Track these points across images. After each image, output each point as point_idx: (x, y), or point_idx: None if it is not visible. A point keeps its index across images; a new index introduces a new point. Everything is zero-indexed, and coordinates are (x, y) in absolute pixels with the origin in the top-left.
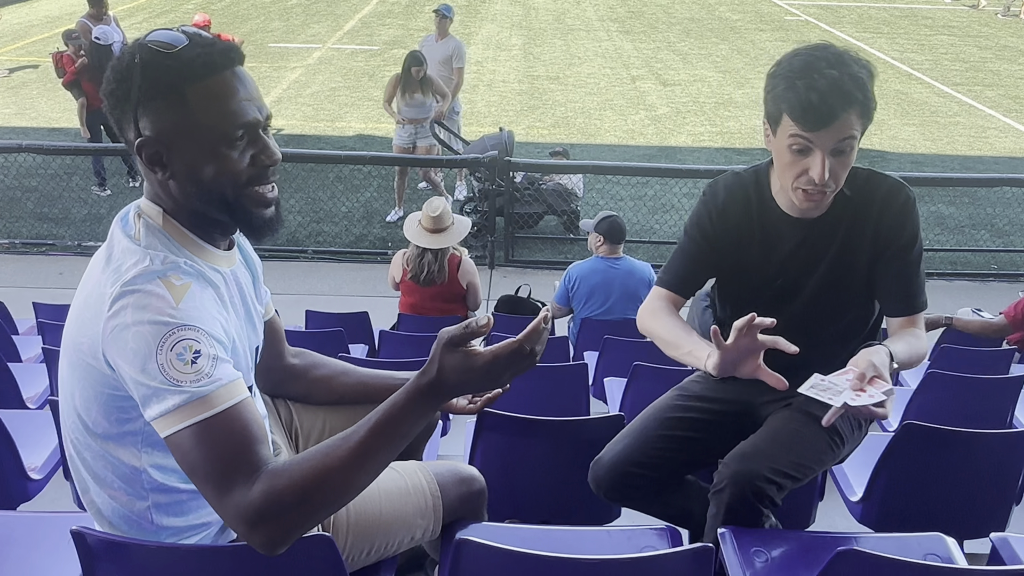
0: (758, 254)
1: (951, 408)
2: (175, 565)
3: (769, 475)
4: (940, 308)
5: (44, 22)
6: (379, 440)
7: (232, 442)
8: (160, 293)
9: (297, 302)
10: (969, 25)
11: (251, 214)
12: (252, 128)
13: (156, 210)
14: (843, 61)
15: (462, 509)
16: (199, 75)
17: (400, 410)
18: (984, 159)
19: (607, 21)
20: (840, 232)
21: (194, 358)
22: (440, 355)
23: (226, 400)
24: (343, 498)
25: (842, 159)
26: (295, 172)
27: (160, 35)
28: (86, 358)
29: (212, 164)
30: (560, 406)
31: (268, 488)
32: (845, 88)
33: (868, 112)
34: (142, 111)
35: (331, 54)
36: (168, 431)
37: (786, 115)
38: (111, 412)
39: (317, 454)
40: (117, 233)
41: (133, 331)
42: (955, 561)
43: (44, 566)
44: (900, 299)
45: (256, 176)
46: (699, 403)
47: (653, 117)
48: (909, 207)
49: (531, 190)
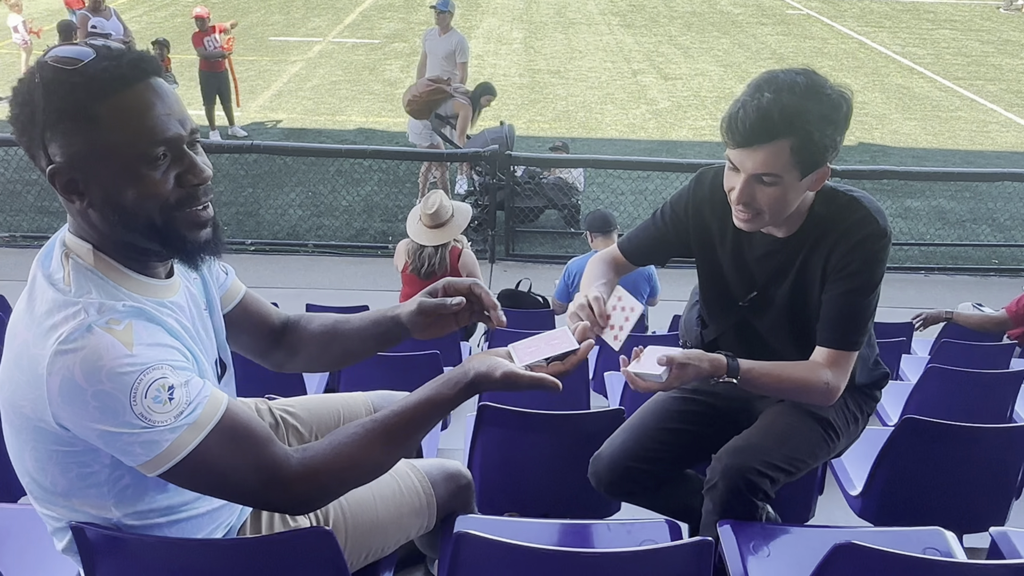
0: (729, 255)
1: (951, 403)
2: (176, 558)
3: (761, 468)
4: (941, 303)
5: (44, 16)
6: (423, 422)
7: (246, 437)
8: (107, 343)
9: (298, 296)
10: (971, 19)
11: (184, 239)
12: (174, 144)
13: (84, 247)
14: (794, 89)
15: (453, 503)
16: (108, 90)
17: (449, 399)
18: (986, 153)
19: (608, 15)
20: (803, 252)
21: (170, 395)
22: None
23: (217, 410)
24: (378, 471)
25: (767, 191)
26: (296, 166)
27: (62, 50)
28: (32, 421)
29: (133, 187)
30: (560, 400)
31: (305, 457)
32: (770, 116)
33: (807, 152)
34: (50, 136)
35: (332, 48)
36: (165, 467)
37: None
38: (69, 469)
39: (355, 434)
40: (40, 281)
41: (92, 393)
42: (954, 555)
43: (45, 559)
44: (828, 328)
45: (185, 197)
46: (697, 397)
47: (654, 111)
48: (870, 244)
49: (532, 184)
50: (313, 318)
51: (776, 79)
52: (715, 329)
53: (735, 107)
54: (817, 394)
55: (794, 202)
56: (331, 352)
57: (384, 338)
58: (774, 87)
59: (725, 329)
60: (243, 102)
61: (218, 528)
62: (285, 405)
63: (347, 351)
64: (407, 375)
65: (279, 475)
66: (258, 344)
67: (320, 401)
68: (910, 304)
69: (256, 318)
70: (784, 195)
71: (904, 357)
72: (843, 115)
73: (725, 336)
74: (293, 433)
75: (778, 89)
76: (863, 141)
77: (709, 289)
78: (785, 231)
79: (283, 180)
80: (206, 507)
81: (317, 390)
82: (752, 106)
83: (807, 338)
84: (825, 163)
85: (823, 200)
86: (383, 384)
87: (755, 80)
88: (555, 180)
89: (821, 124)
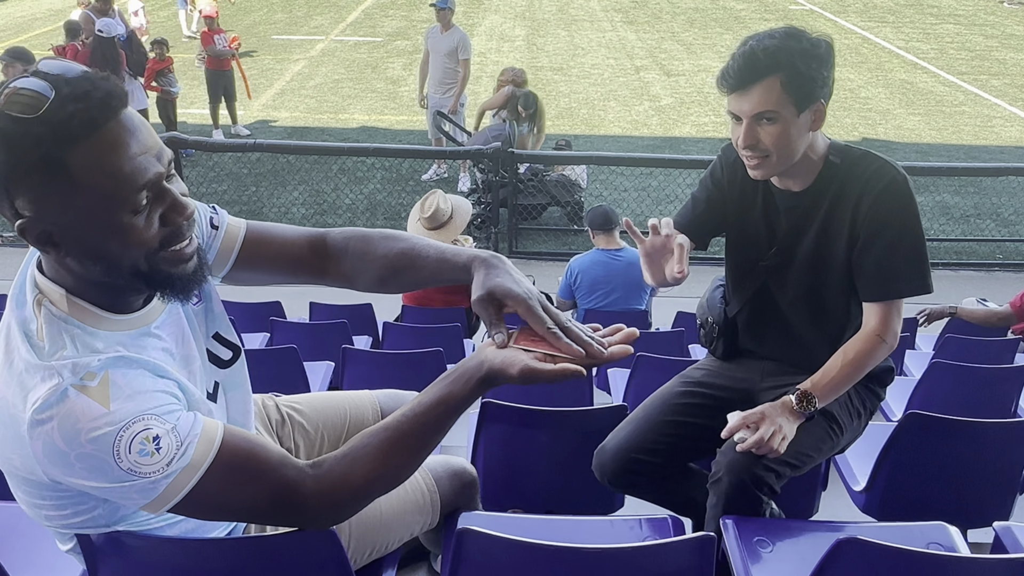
0: (758, 215)
1: (955, 397)
2: (179, 558)
3: (766, 463)
4: (945, 298)
5: (47, 15)
6: (439, 425)
7: (250, 465)
8: (83, 406)
9: (301, 294)
10: (975, 14)
11: (171, 276)
12: (156, 185)
13: (57, 292)
14: (773, 35)
15: (457, 500)
16: (78, 136)
17: (463, 397)
18: (989, 148)
19: (611, 11)
20: (825, 204)
21: (157, 446)
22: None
23: (211, 446)
24: (401, 476)
25: (770, 128)
26: (298, 164)
27: (18, 96)
28: (22, 472)
29: (116, 238)
30: (563, 396)
31: (321, 475)
32: (755, 56)
33: (796, 85)
34: (15, 190)
35: (334, 46)
36: (167, 506)
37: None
38: (65, 507)
39: (370, 446)
40: (15, 332)
41: (76, 456)
42: (958, 550)
43: (49, 557)
44: (871, 283)
45: (169, 237)
46: (702, 389)
47: (657, 107)
48: (893, 190)
49: (535, 181)
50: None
51: (758, 32)
52: (737, 301)
53: (728, 60)
54: (882, 353)
55: (797, 140)
56: (400, 280)
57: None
58: (757, 36)
59: (747, 300)
60: (246, 102)
61: (221, 527)
62: (292, 402)
63: (417, 283)
64: (410, 373)
65: (295, 497)
66: (298, 271)
67: (326, 399)
68: (914, 300)
69: (273, 249)
70: (786, 132)
71: (908, 352)
72: (824, 50)
73: (744, 312)
74: (299, 430)
75: (760, 36)
76: (867, 136)
77: (735, 253)
78: (801, 183)
79: (286, 178)
80: None
81: (321, 388)
82: (739, 53)
83: (825, 315)
84: (818, 98)
85: (837, 152)
86: (386, 382)
87: (743, 38)
88: (558, 177)
89: (805, 58)
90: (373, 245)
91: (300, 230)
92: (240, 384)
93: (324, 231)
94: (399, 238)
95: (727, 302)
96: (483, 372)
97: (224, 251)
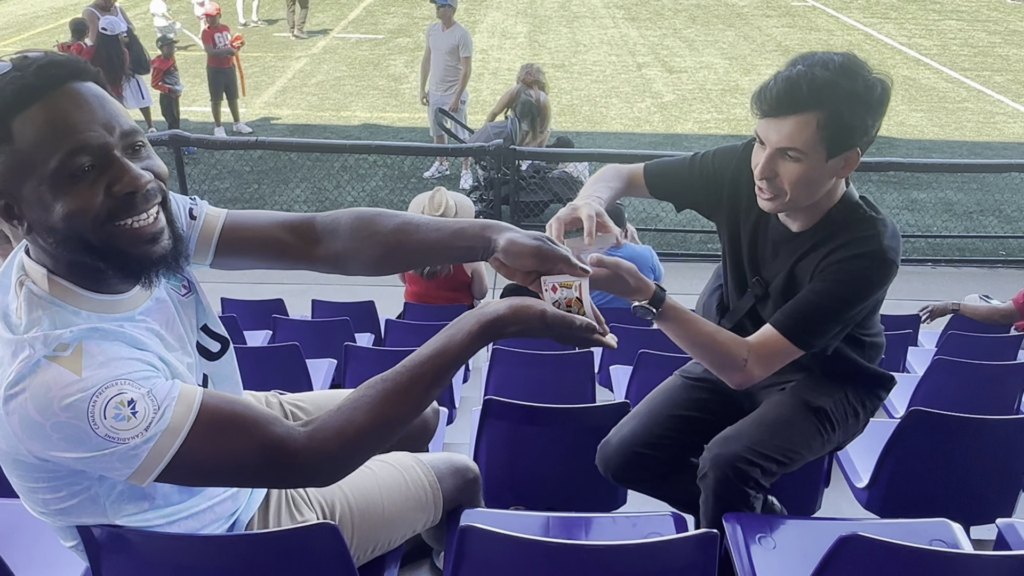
0: (749, 232)
1: (958, 394)
2: (182, 554)
3: (750, 457)
4: (948, 295)
5: (49, 13)
6: (436, 377)
7: (234, 424)
8: (54, 374)
9: (303, 291)
10: (977, 10)
11: (127, 255)
12: (100, 153)
13: (39, 272)
14: (828, 66)
15: (459, 497)
16: (18, 104)
17: (462, 348)
18: (992, 145)
19: (612, 8)
20: (803, 250)
21: (132, 410)
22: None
23: (190, 409)
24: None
25: (790, 167)
26: (300, 162)
27: None
28: (11, 455)
29: (59, 204)
30: (566, 394)
31: (315, 429)
32: (799, 86)
33: (834, 129)
34: None
35: (336, 43)
36: (154, 474)
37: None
38: (59, 489)
39: (367, 395)
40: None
41: (51, 426)
42: (961, 547)
43: (52, 554)
44: (783, 311)
45: (117, 209)
46: (703, 384)
47: (659, 104)
48: (865, 261)
49: (537, 179)
50: (364, 215)
51: (813, 55)
52: (733, 315)
53: (768, 79)
54: (730, 368)
55: (817, 186)
56: (401, 253)
57: (462, 259)
58: (809, 61)
59: (742, 315)
60: (248, 99)
61: (219, 522)
62: (295, 400)
63: (421, 256)
64: None
65: (285, 453)
66: (281, 255)
67: (329, 397)
68: (917, 296)
69: (252, 234)
70: (807, 175)
71: (911, 349)
72: (876, 97)
73: (737, 329)
74: None
75: (812, 63)
76: None
77: (730, 263)
78: (800, 225)
79: (288, 176)
80: (205, 504)
81: (323, 385)
82: (783, 76)
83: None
84: (854, 147)
85: (844, 207)
86: None
87: (794, 56)
88: (560, 174)
89: (852, 102)
90: (368, 220)
91: (283, 215)
92: (229, 376)
93: (312, 215)
94: (395, 213)
95: (724, 309)
96: (484, 321)
97: (204, 238)
